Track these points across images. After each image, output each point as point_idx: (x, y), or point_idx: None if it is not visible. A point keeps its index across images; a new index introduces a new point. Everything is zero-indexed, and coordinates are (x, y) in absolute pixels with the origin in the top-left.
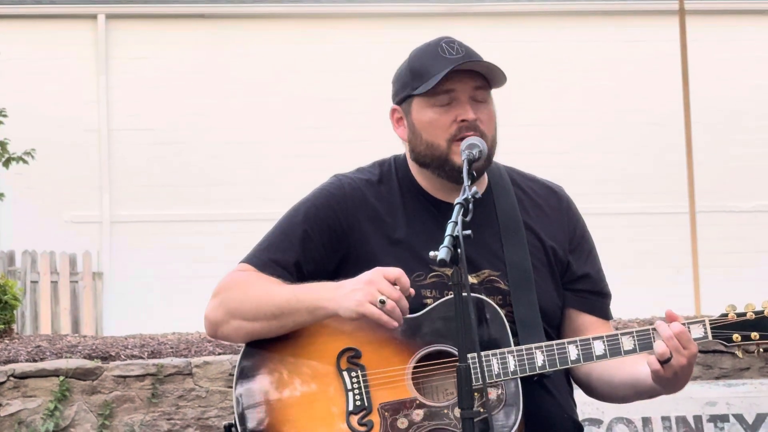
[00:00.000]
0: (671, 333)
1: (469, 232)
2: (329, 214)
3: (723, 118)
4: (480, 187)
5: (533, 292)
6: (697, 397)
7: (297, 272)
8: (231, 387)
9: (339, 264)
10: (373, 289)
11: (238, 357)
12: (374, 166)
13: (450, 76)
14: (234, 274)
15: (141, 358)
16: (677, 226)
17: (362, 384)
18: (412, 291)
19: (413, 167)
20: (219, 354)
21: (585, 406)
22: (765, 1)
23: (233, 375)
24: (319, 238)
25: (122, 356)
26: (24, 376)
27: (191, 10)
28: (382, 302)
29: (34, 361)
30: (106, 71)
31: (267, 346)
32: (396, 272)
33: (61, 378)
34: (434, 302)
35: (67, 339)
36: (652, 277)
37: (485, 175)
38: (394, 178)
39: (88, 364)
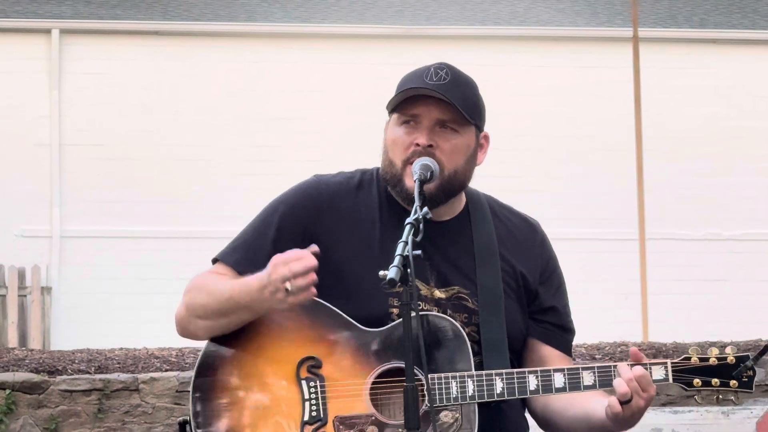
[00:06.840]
0: (632, 375)
1: (419, 252)
2: (304, 215)
3: (674, 146)
4: (457, 210)
5: (502, 315)
6: (643, 423)
7: None
8: (177, 404)
9: None
10: (278, 284)
11: (185, 374)
12: (356, 172)
13: (418, 100)
14: (202, 274)
15: (88, 372)
16: (627, 253)
17: (320, 395)
18: (315, 248)
19: None
20: (166, 370)
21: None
22: (717, 30)
23: (180, 392)
24: (292, 238)
25: (69, 371)
26: None
27: (145, 27)
28: (288, 291)
29: None
30: (59, 86)
31: (229, 345)
32: (291, 255)
33: (8, 391)
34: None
35: (14, 352)
36: (600, 302)
37: (464, 199)
38: (374, 186)
39: (35, 377)
